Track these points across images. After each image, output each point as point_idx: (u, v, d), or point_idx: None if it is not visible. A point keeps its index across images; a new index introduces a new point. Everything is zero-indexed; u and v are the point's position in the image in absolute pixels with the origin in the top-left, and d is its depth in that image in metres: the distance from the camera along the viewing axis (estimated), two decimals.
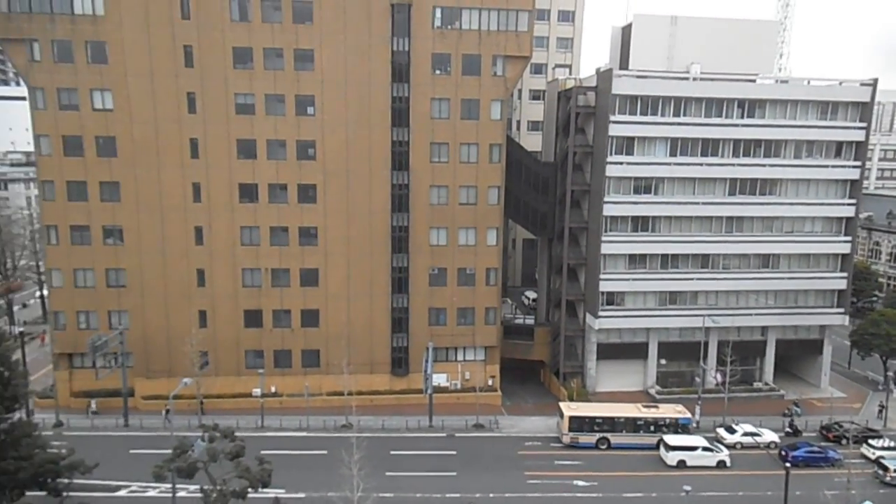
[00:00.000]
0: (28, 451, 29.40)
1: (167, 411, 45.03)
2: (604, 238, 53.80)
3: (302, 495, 38.16)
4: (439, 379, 53.91)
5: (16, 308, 73.89)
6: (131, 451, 43.71)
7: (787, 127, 54.19)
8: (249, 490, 27.71)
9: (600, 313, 55.32)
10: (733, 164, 54.24)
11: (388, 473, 40.75)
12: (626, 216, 54.17)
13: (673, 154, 53.54)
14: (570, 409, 48.61)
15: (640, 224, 54.69)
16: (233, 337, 52.90)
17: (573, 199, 56.40)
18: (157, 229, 50.88)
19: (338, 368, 50.07)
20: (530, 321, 62.82)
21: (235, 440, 29.77)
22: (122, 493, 38.69)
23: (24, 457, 29.15)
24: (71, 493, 29.85)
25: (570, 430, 47.45)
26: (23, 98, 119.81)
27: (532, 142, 67.91)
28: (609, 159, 52.44)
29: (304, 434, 48.17)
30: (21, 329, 55.07)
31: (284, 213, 51.59)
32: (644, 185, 54.03)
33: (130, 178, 50.15)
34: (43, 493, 29.49)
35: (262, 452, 32.56)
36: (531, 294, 71.02)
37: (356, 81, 49.96)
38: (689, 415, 48.35)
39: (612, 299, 55.78)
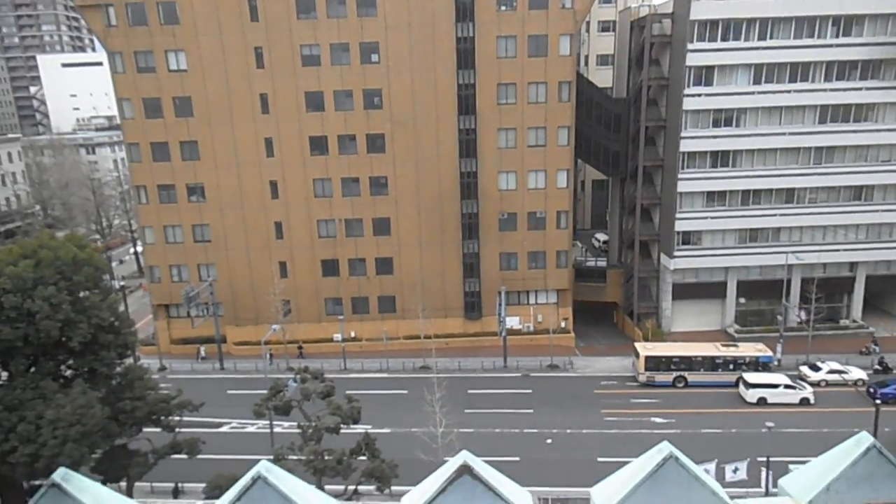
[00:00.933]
0: (141, 392, 32.05)
1: (270, 355, 49.17)
2: (680, 175, 51.84)
3: (387, 430, 40.22)
4: (512, 322, 54.57)
5: (114, 264, 79.52)
6: (228, 392, 47.10)
7: (888, 45, 49.54)
8: (342, 426, 29.53)
9: (676, 253, 53.98)
10: (825, 90, 50.38)
11: (466, 411, 42.17)
12: (705, 151, 51.75)
13: (757, 82, 50.23)
14: (646, 349, 48.40)
15: (720, 159, 52.16)
16: (312, 285, 55.16)
17: (647, 136, 54.34)
18: (234, 185, 52.93)
19: (413, 313, 51.57)
20: (602, 263, 62.14)
21: (325, 381, 31.51)
22: (224, 428, 42.10)
23: (138, 397, 31.85)
24: (181, 430, 32.62)
25: (647, 369, 47.39)
26: (99, 63, 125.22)
27: (602, 77, 65.31)
28: (686, 91, 49.85)
29: (384, 375, 50.35)
30: (122, 283, 59.33)
31: (354, 164, 52.43)
32: (724, 118, 51.19)
33: (207, 137, 52.05)
34: (158, 430, 32.37)
35: (347, 392, 34.42)
36: (602, 236, 69.93)
37: (420, 24, 49.20)
38: (769, 353, 47.17)
39: (689, 239, 54.17)
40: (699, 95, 50.16)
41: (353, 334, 55.11)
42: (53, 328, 28.77)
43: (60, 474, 3.49)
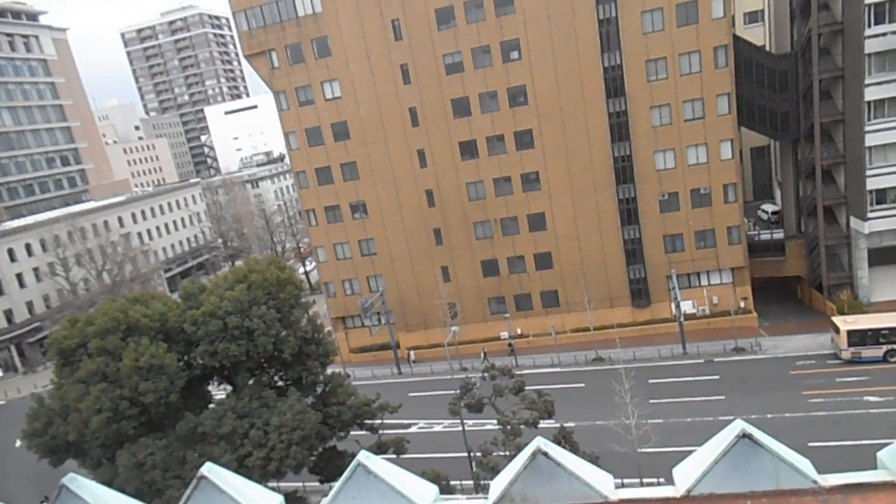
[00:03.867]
0: (344, 398, 34.69)
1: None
2: (867, 128, 46.26)
3: (572, 424, 39.91)
4: (685, 306, 51.86)
5: None
6: (410, 394, 49.43)
7: None
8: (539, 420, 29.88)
9: (869, 215, 48.26)
10: None
11: (651, 401, 40.56)
12: None
13: None
14: (847, 322, 43.74)
15: None
16: (474, 287, 56.40)
17: (821, 90, 49.21)
18: (393, 198, 55.65)
19: (578, 306, 50.88)
20: (778, 235, 57.23)
21: (514, 377, 32.08)
22: (413, 429, 44.22)
23: (341, 402, 34.49)
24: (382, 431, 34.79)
25: (850, 344, 42.82)
26: (255, 107, 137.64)
27: (751, 36, 60.12)
28: (867, 32, 44.44)
29: (557, 370, 50.10)
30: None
31: (504, 163, 52.92)
32: None
33: (364, 156, 55.27)
34: (362, 432, 34.79)
35: (528, 388, 34.66)
36: (769, 207, 64.52)
37: (559, 12, 48.61)
38: None
39: (884, 197, 48.19)
40: (883, 35, 44.47)
41: (518, 331, 55.55)
42: (268, 343, 31.92)
43: (69, 478, 3.77)
